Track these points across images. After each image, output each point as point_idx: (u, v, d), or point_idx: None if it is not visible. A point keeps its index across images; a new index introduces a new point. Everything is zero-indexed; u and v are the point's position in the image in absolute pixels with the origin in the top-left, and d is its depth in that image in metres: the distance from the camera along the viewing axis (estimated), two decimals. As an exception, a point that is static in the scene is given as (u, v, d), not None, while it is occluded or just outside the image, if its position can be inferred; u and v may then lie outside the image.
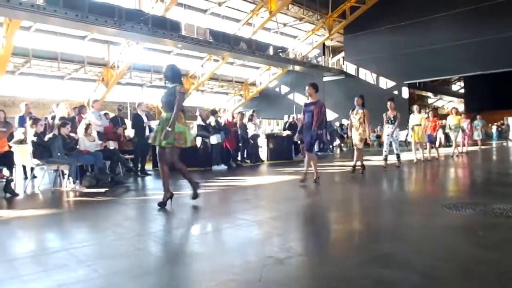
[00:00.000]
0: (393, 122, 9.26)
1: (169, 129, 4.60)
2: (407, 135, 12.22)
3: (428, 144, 11.34)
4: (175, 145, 4.77)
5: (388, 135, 9.41)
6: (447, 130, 13.05)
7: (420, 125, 10.55)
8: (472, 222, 3.87)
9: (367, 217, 4.42)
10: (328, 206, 5.26)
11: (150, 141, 4.99)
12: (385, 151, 9.38)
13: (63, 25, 18.17)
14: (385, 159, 9.24)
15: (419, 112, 10.93)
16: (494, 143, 23.06)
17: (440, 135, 20.15)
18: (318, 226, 4.13)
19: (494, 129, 27.46)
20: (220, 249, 3.25)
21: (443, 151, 14.22)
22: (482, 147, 17.07)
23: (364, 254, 2.97)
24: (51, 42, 22.44)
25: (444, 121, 14.93)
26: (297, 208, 5.06)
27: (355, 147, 8.66)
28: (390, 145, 9.45)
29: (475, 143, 17.01)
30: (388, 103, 9.37)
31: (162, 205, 4.77)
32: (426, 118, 11.46)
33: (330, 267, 2.69)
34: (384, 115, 9.44)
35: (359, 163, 8.46)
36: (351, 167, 8.40)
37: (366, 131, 8.30)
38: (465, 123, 14.07)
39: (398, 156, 9.44)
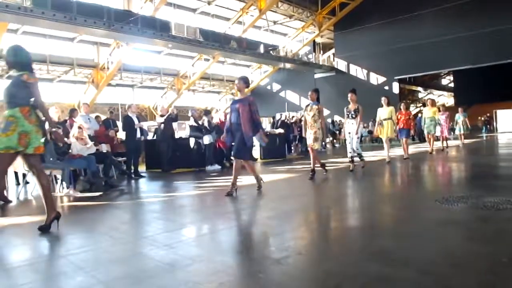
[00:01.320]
0: (354, 116, 8.14)
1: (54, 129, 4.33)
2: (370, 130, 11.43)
3: (403, 140, 10.35)
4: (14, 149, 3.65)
5: (349, 133, 8.25)
6: (422, 123, 12.10)
7: (390, 119, 9.53)
8: (465, 216, 3.94)
9: (361, 215, 4.46)
10: (324, 204, 5.30)
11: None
12: (350, 151, 8.29)
13: (52, 27, 18.04)
14: (351, 161, 8.21)
15: (388, 104, 9.68)
16: (484, 136, 23.29)
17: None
18: (314, 224, 4.17)
19: (482, 122, 27.70)
20: (217, 250, 3.27)
21: (419, 147, 13.80)
22: (466, 141, 16.06)
23: (361, 251, 3.00)
24: (39, 44, 22.24)
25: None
26: (293, 206, 5.09)
27: (309, 149, 7.59)
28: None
29: (457, 138, 16.30)
30: (349, 94, 8.22)
31: (43, 229, 3.85)
32: (398, 111, 10.45)
33: (328, 265, 2.72)
34: (345, 108, 8.41)
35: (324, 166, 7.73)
36: (309, 175, 7.24)
37: (322, 129, 7.35)
38: (443, 116, 13.17)
39: (360, 156, 8.42)
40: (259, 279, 2.51)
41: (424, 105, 47.65)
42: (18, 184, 7.82)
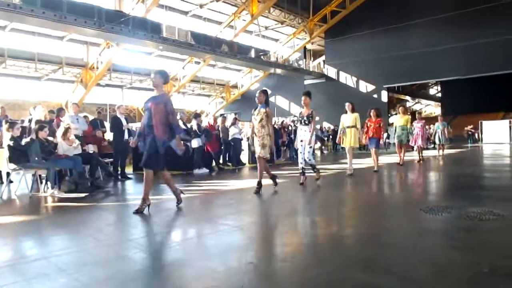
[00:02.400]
0: (307, 123, 7.14)
1: None
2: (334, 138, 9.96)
3: (372, 150, 9.44)
4: None
5: (301, 141, 7.20)
6: (392, 132, 11.18)
7: (354, 126, 8.66)
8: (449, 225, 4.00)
9: (345, 223, 4.49)
10: (310, 211, 5.32)
11: None
12: (301, 162, 7.22)
13: (41, 25, 17.85)
14: (302, 173, 7.19)
15: (353, 110, 8.77)
16: (469, 147, 23.66)
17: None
18: (300, 231, 4.18)
19: (466, 133, 28.13)
20: (202, 255, 3.26)
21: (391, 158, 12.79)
22: (448, 152, 15.56)
23: (345, 259, 3.03)
24: (28, 42, 21.97)
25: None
26: (280, 212, 5.10)
27: (257, 158, 6.54)
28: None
29: (436, 148, 15.64)
30: (303, 98, 7.21)
31: None
32: (368, 118, 9.58)
33: (312, 272, 2.73)
34: (298, 114, 7.49)
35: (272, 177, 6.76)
36: (256, 188, 6.24)
37: (270, 135, 6.40)
38: (418, 124, 12.33)
39: (313, 168, 7.33)
40: (243, 286, 2.51)
41: (413, 114, 48.40)
42: (1, 183, 7.69)
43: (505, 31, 23.83)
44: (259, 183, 6.25)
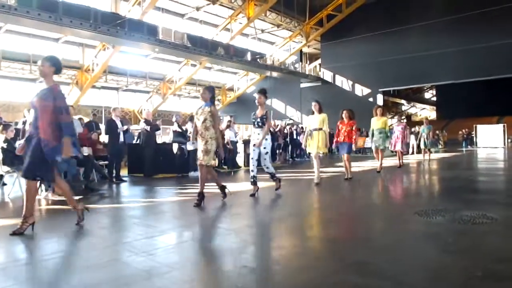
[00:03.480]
0: (260, 124, 6.29)
1: None
2: (304, 144, 8.19)
3: (344, 156, 8.45)
4: None
5: (254, 145, 6.29)
6: (369, 137, 10.37)
7: (321, 129, 7.66)
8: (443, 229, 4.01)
9: (340, 227, 4.50)
10: (305, 214, 5.32)
11: None
12: (252, 169, 6.30)
13: (36, 27, 17.78)
14: (254, 182, 6.25)
15: (320, 111, 7.81)
16: (464, 151, 23.78)
17: (412, 142, 20.63)
18: (295, 234, 4.18)
19: (461, 136, 28.28)
20: (196, 258, 3.25)
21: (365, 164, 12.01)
22: (435, 156, 14.81)
23: (338, 262, 3.02)
24: (22, 43, 21.87)
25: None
26: (274, 215, 5.10)
27: (198, 165, 5.69)
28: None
29: (423, 153, 14.19)
30: (257, 96, 6.37)
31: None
32: (340, 120, 8.63)
33: (305, 276, 2.73)
34: (252, 114, 6.47)
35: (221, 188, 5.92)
36: (196, 200, 5.43)
37: (217, 138, 5.65)
38: (399, 127, 11.48)
39: (272, 176, 6.52)
40: (237, 288, 2.50)
41: (408, 118, 48.56)
42: (-6, 185, 7.62)
43: (501, 35, 24.00)
44: (200, 194, 5.42)
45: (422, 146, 13.84)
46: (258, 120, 6.30)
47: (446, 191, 7.21)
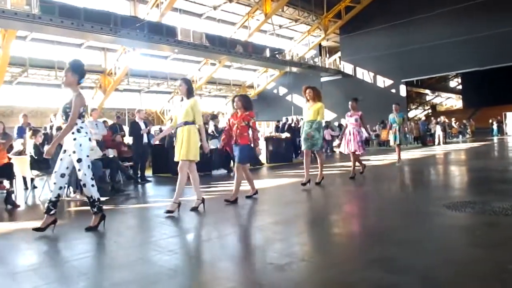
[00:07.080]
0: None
1: None
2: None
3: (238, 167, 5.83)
4: None
5: (65, 150, 4.52)
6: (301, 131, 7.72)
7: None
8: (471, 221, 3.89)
9: (367, 220, 4.43)
10: (329, 210, 5.28)
11: None
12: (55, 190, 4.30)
13: (59, 34, 18.25)
14: (48, 210, 4.19)
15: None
16: (495, 139, 23.02)
17: (438, 132, 20.13)
18: (319, 230, 4.14)
19: (495, 124, 27.15)
20: (222, 256, 3.26)
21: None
22: (410, 155, 12.71)
23: (365, 257, 2.98)
24: (47, 50, 22.49)
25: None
26: (298, 212, 5.07)
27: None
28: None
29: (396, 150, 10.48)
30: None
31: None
32: (232, 113, 5.93)
33: (331, 272, 2.70)
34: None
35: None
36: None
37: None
38: (352, 118, 8.18)
39: (92, 204, 4.25)
40: (262, 286, 2.50)
41: (433, 108, 46.74)
42: (26, 188, 7.89)
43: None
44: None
45: (391, 141, 10.54)
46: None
47: (475, 182, 7.01)
